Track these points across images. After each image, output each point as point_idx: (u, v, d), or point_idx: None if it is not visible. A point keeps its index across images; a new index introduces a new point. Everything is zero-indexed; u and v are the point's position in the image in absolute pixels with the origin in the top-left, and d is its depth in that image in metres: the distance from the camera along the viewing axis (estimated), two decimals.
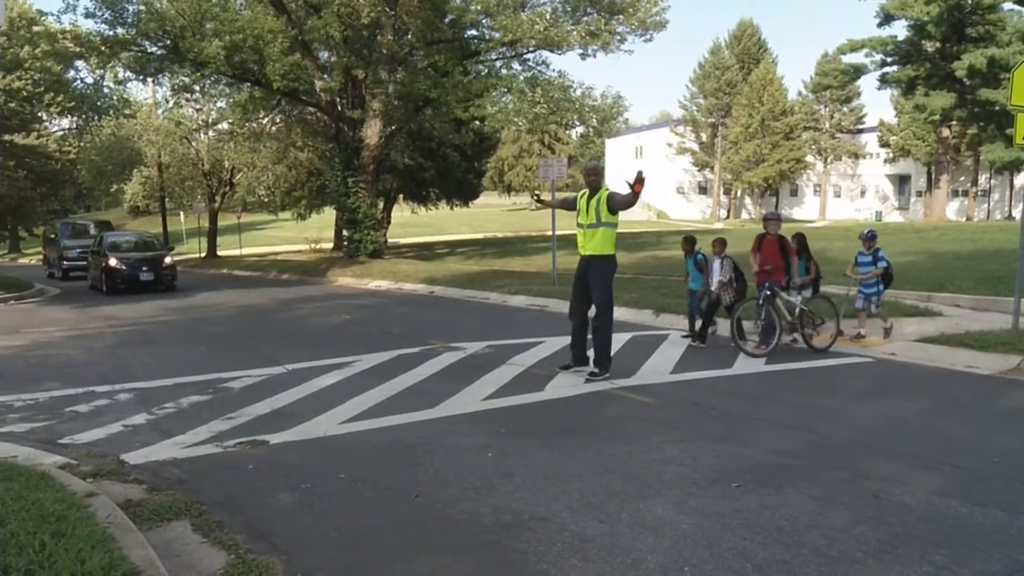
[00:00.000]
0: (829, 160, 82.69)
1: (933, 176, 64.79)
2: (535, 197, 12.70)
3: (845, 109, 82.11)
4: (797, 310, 12.60)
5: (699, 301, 13.75)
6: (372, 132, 32.18)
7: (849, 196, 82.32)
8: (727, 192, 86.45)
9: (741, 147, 77.41)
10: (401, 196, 50.85)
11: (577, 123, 41.20)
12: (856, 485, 6.36)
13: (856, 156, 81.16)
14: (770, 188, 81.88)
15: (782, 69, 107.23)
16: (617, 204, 10.47)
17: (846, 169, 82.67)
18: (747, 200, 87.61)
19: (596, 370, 10.56)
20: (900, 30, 58.97)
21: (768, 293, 12.28)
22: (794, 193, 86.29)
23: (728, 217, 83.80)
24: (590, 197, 10.69)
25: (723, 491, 6.28)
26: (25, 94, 65.64)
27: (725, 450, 7.33)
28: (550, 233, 23.66)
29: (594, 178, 10.88)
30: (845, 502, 5.99)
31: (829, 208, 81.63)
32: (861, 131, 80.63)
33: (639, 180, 9.90)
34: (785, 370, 10.95)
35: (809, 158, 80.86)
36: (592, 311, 10.81)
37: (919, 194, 74.75)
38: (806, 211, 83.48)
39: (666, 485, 6.45)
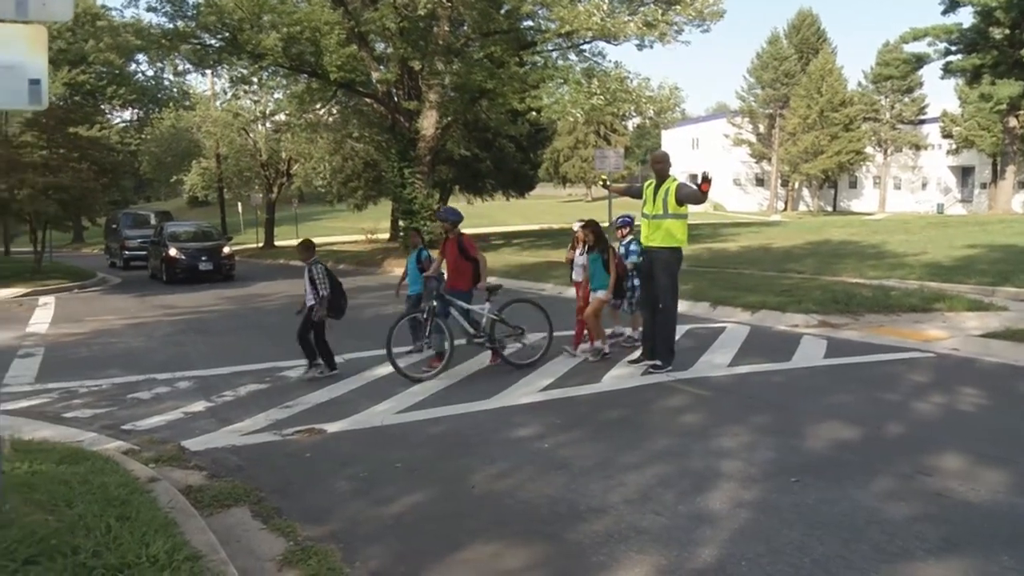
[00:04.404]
0: (889, 152, 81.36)
1: (998, 167, 63.44)
2: (602, 182, 12.53)
3: (906, 99, 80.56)
4: (485, 320, 11.19)
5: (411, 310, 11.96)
6: (428, 123, 32.26)
7: (910, 188, 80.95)
8: (784, 184, 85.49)
9: (799, 138, 76.55)
10: (457, 187, 50.95)
11: (634, 114, 40.93)
12: (916, 481, 6.26)
13: (917, 147, 79.70)
14: (828, 180, 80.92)
15: (841, 59, 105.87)
16: (685, 197, 10.23)
17: (907, 161, 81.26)
18: (805, 192, 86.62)
19: (658, 362, 10.48)
20: (966, 17, 57.57)
21: (435, 304, 10.98)
22: (853, 185, 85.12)
23: (785, 209, 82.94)
24: (657, 186, 10.49)
25: (780, 485, 6.23)
26: (88, 87, 66.93)
27: (782, 444, 7.27)
28: (606, 224, 23.59)
29: (661, 166, 10.59)
30: (905, 498, 5.90)
31: (889, 200, 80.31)
32: (923, 122, 79.16)
33: (706, 180, 9.83)
34: (843, 364, 10.79)
35: (868, 150, 79.60)
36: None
37: (983, 186, 73.25)
38: (865, 203, 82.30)
39: (722, 478, 6.42)
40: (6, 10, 5.27)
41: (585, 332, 11.90)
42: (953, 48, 58.93)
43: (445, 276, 11.71)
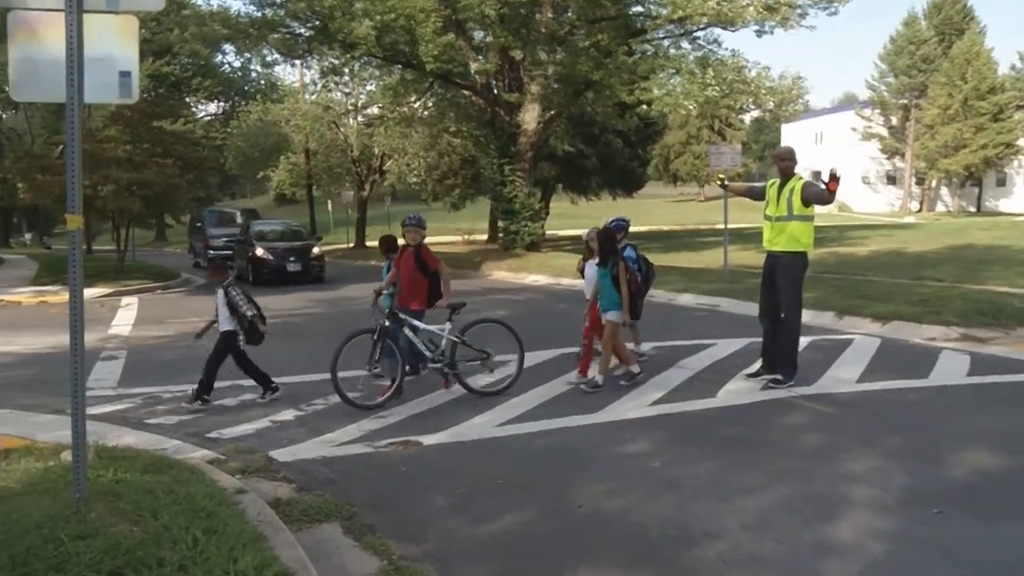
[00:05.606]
0: None
1: None
2: (720, 181, 12.41)
3: None
4: (444, 342, 10.46)
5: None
6: (530, 117, 32.36)
7: None
8: (920, 182, 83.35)
9: (938, 131, 74.45)
10: (560, 185, 50.95)
11: (752, 107, 40.50)
12: None
13: None
14: (972, 177, 78.50)
15: (991, 40, 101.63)
16: (812, 197, 10.08)
17: None
18: (944, 191, 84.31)
19: (779, 376, 10.32)
20: None
21: (385, 324, 10.20)
22: (1001, 183, 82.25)
23: (921, 210, 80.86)
24: (781, 186, 10.32)
25: (919, 516, 6.06)
26: (173, 79, 68.71)
27: (919, 469, 7.07)
28: (721, 226, 23.36)
29: (786, 163, 10.46)
30: None
31: None
32: None
33: (834, 178, 9.70)
34: (990, 383, 10.46)
35: (1021, 142, 77.00)
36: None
37: None
38: (1016, 203, 79.33)
39: (852, 505, 6.28)
40: (97, 1, 5.44)
41: (614, 357, 10.84)
42: None
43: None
